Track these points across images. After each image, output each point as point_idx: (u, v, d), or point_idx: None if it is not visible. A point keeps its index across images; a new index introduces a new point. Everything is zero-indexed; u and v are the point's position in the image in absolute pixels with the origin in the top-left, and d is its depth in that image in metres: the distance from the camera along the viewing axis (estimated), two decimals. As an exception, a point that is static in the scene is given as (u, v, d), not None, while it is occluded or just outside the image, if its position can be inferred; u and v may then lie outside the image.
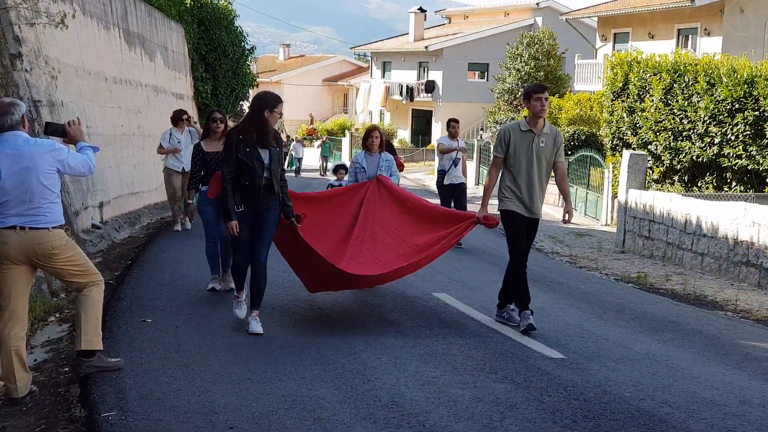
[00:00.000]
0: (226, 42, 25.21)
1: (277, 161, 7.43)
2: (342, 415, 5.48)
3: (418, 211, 8.84)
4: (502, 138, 8.03)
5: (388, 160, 9.56)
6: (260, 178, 7.30)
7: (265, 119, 7.28)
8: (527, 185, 7.95)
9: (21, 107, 5.73)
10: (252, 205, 7.39)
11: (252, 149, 7.27)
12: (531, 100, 7.89)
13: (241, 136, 7.28)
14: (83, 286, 6.02)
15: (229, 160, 7.28)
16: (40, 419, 5.39)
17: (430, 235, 8.51)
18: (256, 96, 7.51)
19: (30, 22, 10.96)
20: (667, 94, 16.94)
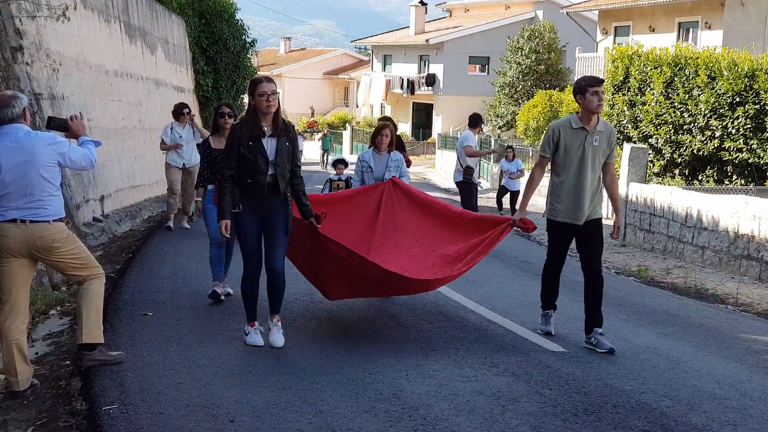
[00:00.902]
0: (227, 35, 25.18)
1: (285, 156, 6.71)
2: (343, 409, 5.49)
3: (444, 216, 8.12)
4: (551, 136, 7.26)
5: (397, 159, 8.86)
6: (264, 175, 6.62)
7: (252, 107, 6.70)
8: (577, 189, 7.16)
9: (22, 100, 5.73)
10: (256, 207, 6.73)
11: (255, 143, 6.61)
12: (586, 94, 7.11)
13: (243, 129, 6.68)
14: (84, 280, 6.02)
15: (229, 155, 6.67)
16: (42, 412, 5.40)
17: (462, 244, 7.75)
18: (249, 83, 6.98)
19: (31, 15, 10.95)
20: (668, 87, 16.92)
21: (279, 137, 6.70)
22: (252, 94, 6.67)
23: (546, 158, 7.36)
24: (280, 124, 6.74)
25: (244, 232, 6.77)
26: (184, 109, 13.60)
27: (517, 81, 36.28)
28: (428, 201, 8.36)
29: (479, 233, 7.72)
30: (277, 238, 6.80)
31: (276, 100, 6.67)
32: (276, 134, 6.70)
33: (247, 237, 6.78)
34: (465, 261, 7.57)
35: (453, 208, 8.30)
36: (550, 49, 36.56)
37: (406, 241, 8.06)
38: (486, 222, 7.93)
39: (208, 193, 8.46)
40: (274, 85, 6.73)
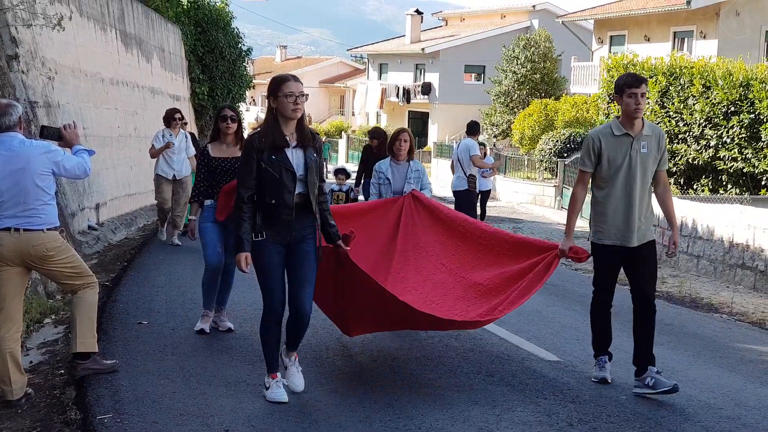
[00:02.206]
0: (223, 43, 25.22)
1: (314, 170, 5.61)
2: (338, 418, 5.48)
3: (475, 236, 7.06)
4: (590, 147, 6.24)
5: (418, 170, 7.97)
6: (291, 194, 5.50)
7: (273, 111, 5.58)
8: (626, 205, 6.18)
9: (18, 109, 5.73)
10: (282, 233, 5.59)
11: (279, 155, 5.49)
12: (623, 95, 6.16)
13: (263, 139, 5.51)
14: (78, 288, 6.02)
15: (246, 171, 5.51)
16: (36, 422, 5.38)
17: (496, 271, 6.73)
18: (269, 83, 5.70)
19: (27, 23, 10.95)
20: (663, 96, 16.97)
21: (305, 148, 5.61)
22: (274, 94, 5.52)
23: (588, 173, 6.34)
24: (307, 132, 5.64)
25: (265, 265, 5.57)
26: (176, 114, 12.80)
27: (513, 90, 36.31)
28: (455, 218, 7.33)
29: (518, 260, 6.65)
30: (307, 271, 5.68)
31: (303, 103, 5.55)
32: (302, 144, 5.60)
33: (271, 270, 5.59)
34: (506, 301, 6.48)
35: (485, 227, 7.22)
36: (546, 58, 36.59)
37: (429, 265, 7.05)
38: (527, 247, 6.78)
39: (205, 210, 7.42)
40: (301, 84, 5.61)
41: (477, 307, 6.58)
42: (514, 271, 6.61)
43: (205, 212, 7.44)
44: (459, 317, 6.42)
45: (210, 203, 7.38)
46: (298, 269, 5.67)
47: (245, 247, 5.47)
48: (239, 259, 5.46)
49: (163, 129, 12.67)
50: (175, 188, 12.67)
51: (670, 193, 6.57)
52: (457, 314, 6.48)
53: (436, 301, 6.66)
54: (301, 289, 5.66)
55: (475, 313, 6.50)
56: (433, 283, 6.88)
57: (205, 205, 7.44)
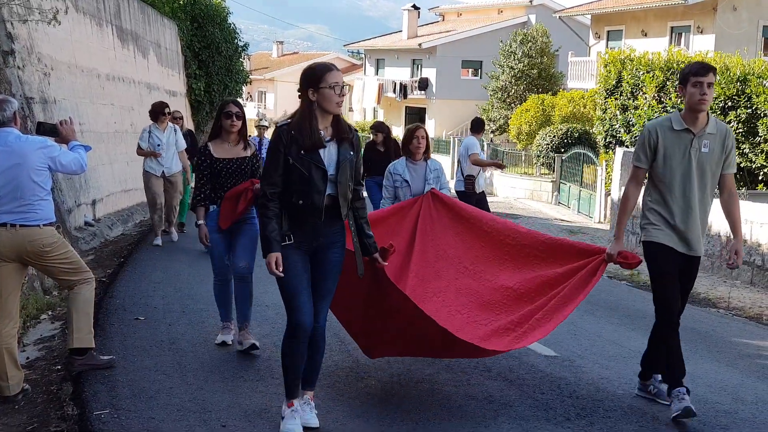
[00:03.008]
0: (220, 39, 25.19)
1: (348, 170, 4.99)
2: (335, 413, 5.48)
3: (503, 237, 6.26)
4: (646, 141, 5.60)
5: (436, 169, 7.39)
6: (321, 195, 4.90)
7: (311, 105, 4.90)
8: (684, 207, 5.56)
9: (13, 104, 5.72)
10: (308, 238, 5.00)
11: (310, 152, 4.90)
12: (687, 84, 5.50)
13: (292, 132, 4.90)
14: (74, 284, 6.01)
15: (273, 166, 4.91)
16: (33, 417, 5.38)
17: (530, 274, 5.96)
18: (302, 72, 5.05)
19: (22, 18, 10.93)
20: (660, 91, 16.96)
21: (340, 144, 5.00)
22: (315, 85, 4.86)
23: (642, 169, 5.68)
24: (344, 125, 5.04)
25: (290, 272, 4.91)
26: (165, 108, 11.99)
27: (510, 85, 36.30)
28: (480, 217, 6.53)
29: (554, 264, 5.87)
30: (329, 284, 5.13)
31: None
32: (337, 140, 5.01)
33: (296, 279, 4.95)
34: (543, 309, 5.69)
35: (516, 227, 6.35)
36: (543, 53, 36.57)
37: (451, 269, 6.30)
38: (566, 250, 5.95)
39: (209, 217, 6.78)
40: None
41: (508, 314, 5.80)
42: (550, 276, 5.80)
43: (210, 220, 6.76)
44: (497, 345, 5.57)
45: (214, 209, 6.74)
46: (321, 281, 5.09)
47: (274, 247, 4.84)
48: (269, 262, 4.81)
49: (150, 125, 11.95)
50: (166, 186, 12.05)
51: (737, 200, 5.80)
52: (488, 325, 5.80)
53: (462, 310, 5.96)
54: (319, 301, 5.10)
55: (506, 320, 5.75)
56: (457, 289, 6.15)
57: (211, 211, 6.79)
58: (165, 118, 11.88)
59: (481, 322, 5.85)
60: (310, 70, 4.95)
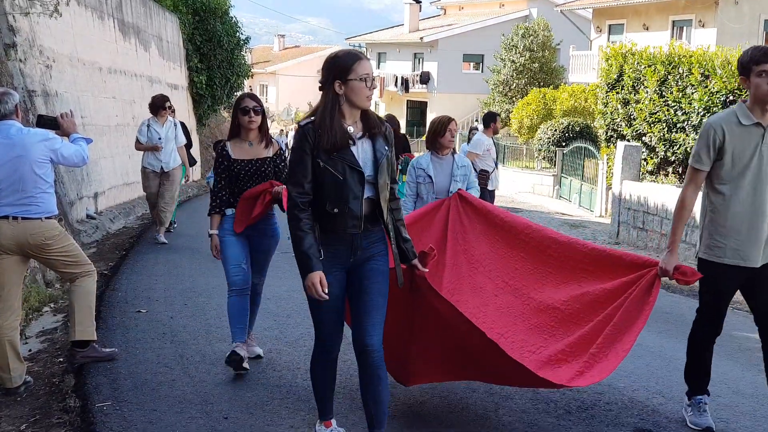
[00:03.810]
0: (221, 32, 25.16)
1: (386, 169, 4.39)
2: (337, 406, 5.47)
3: (542, 248, 5.44)
4: (710, 139, 4.93)
5: (464, 165, 6.84)
6: (358, 201, 4.29)
7: (337, 99, 4.27)
8: (752, 214, 4.92)
9: (14, 96, 5.73)
10: (344, 252, 4.36)
11: (341, 152, 4.25)
12: (751, 75, 4.86)
13: (319, 131, 4.24)
14: (75, 277, 6.02)
15: (300, 171, 4.24)
16: (35, 409, 5.40)
17: (574, 292, 5.19)
18: (325, 61, 4.40)
19: (24, 11, 10.93)
20: (662, 85, 16.95)
21: (374, 140, 4.39)
22: (343, 76, 4.23)
23: (702, 172, 5.00)
24: (374, 118, 4.43)
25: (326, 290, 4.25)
26: (166, 102, 11.64)
27: (512, 79, 36.30)
28: (515, 223, 5.66)
29: (601, 278, 5.11)
30: (376, 297, 4.42)
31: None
32: (370, 135, 4.40)
33: (328, 302, 4.29)
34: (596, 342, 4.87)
35: (555, 235, 5.53)
36: (544, 47, 36.57)
37: (489, 284, 5.53)
38: (613, 262, 5.13)
39: (226, 220, 6.13)
40: None
41: (556, 340, 5.10)
42: (598, 294, 5.05)
43: (226, 223, 6.12)
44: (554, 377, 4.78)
45: (231, 213, 6.11)
46: (364, 294, 4.41)
47: (314, 265, 4.16)
48: (311, 283, 4.14)
49: (149, 119, 11.65)
50: (162, 181, 11.72)
51: None
52: (537, 352, 5.05)
53: (505, 333, 5.17)
54: (367, 318, 4.38)
55: (556, 347, 5.02)
56: (497, 308, 5.35)
57: (227, 215, 6.14)
58: (165, 112, 11.56)
59: (529, 348, 5.07)
60: (337, 59, 4.28)
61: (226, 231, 6.09)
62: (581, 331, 4.99)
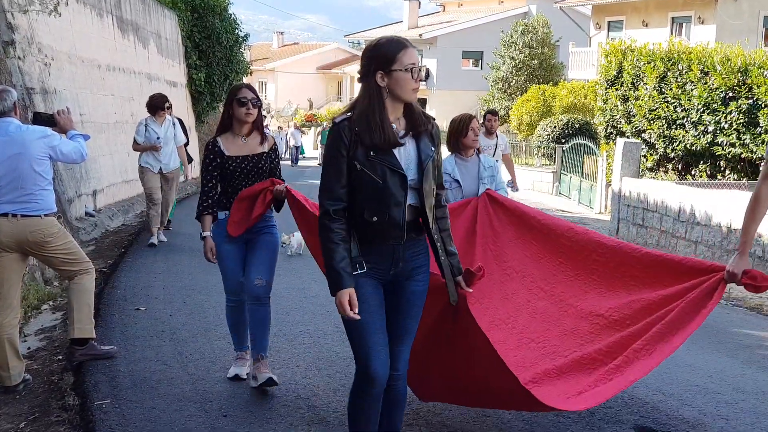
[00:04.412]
0: (220, 29, 25.11)
1: (431, 172, 3.89)
2: (336, 404, 5.48)
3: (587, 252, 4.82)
4: None
5: (491, 166, 6.37)
6: (401, 208, 3.80)
7: (380, 92, 3.76)
8: None
9: (13, 94, 5.71)
10: (384, 265, 3.89)
11: (381, 153, 3.76)
12: None
13: (356, 129, 3.75)
14: (74, 275, 6.01)
15: (334, 176, 3.77)
16: (34, 407, 5.39)
17: (623, 299, 4.55)
18: (364, 50, 3.87)
19: (23, 9, 10.91)
20: (661, 82, 16.93)
21: (418, 139, 3.89)
22: (386, 66, 3.74)
23: None
24: (419, 114, 3.92)
25: (361, 310, 3.78)
26: (165, 103, 11.16)
27: (511, 76, 36.28)
28: (554, 225, 5.09)
29: (656, 286, 4.45)
30: (410, 322, 4.02)
31: None
32: (414, 134, 3.89)
33: (369, 318, 3.84)
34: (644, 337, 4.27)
35: (601, 238, 4.89)
36: (544, 43, 36.56)
37: (522, 290, 5.02)
38: (672, 268, 4.46)
39: (220, 225, 5.59)
40: None
41: (594, 343, 4.51)
42: (652, 300, 4.41)
43: (220, 227, 5.59)
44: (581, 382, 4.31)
45: (225, 216, 5.57)
46: (399, 316, 4.00)
47: (345, 281, 3.72)
48: (341, 302, 3.70)
49: (147, 118, 11.16)
50: (163, 182, 11.36)
51: None
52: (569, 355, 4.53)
53: (537, 338, 4.73)
54: (398, 343, 4.00)
55: (592, 348, 4.47)
56: (530, 314, 4.86)
57: (220, 219, 5.60)
58: (164, 112, 11.09)
59: (561, 353, 4.57)
60: (379, 48, 3.79)
61: (222, 237, 5.57)
62: (625, 332, 4.40)
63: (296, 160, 36.36)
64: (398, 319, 4.00)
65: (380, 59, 3.76)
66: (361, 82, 3.83)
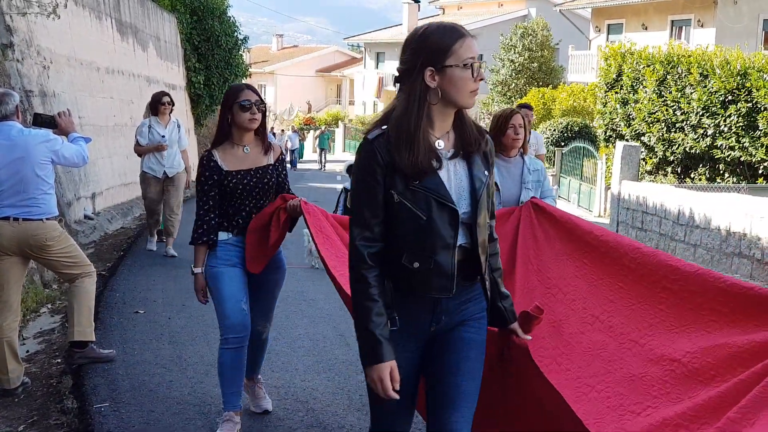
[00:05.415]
0: (219, 32, 25.14)
1: (486, 201, 3.04)
2: (335, 407, 5.48)
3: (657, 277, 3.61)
4: None
5: (537, 170, 5.53)
6: (449, 251, 2.94)
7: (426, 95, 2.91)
8: None
9: (14, 97, 5.71)
10: (423, 320, 3.03)
11: (425, 177, 2.89)
12: None
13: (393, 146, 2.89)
14: (75, 278, 6.01)
15: (368, 207, 2.92)
16: (33, 410, 5.38)
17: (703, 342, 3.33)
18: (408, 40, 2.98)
19: (22, 11, 10.91)
20: (661, 85, 16.95)
21: (469, 159, 3.02)
22: (436, 61, 2.88)
23: None
24: (471, 127, 3.04)
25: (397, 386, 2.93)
26: (164, 97, 10.46)
27: (510, 79, 36.29)
28: (615, 244, 3.92)
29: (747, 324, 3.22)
30: (466, 382, 3.04)
31: None
32: (464, 153, 3.02)
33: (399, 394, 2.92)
34: (740, 403, 2.96)
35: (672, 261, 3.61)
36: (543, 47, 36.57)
37: (572, 317, 3.91)
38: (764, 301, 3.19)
39: (219, 248, 4.75)
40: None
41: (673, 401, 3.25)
42: (740, 346, 3.19)
43: (219, 251, 4.74)
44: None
45: (227, 238, 4.75)
46: (450, 376, 3.04)
47: (385, 353, 2.89)
48: (380, 377, 2.88)
49: (150, 119, 10.50)
50: (166, 187, 10.62)
51: None
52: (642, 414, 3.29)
53: (595, 384, 3.49)
54: (453, 410, 3.00)
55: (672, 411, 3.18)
56: (584, 349, 3.70)
57: (220, 240, 4.75)
58: (166, 108, 10.36)
59: (629, 408, 3.36)
60: (429, 36, 2.91)
61: (221, 260, 4.73)
62: (712, 392, 3.17)
63: (295, 163, 36.16)
64: (450, 380, 3.01)
65: (430, 51, 2.88)
66: (401, 83, 2.99)
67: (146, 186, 10.62)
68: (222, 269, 4.72)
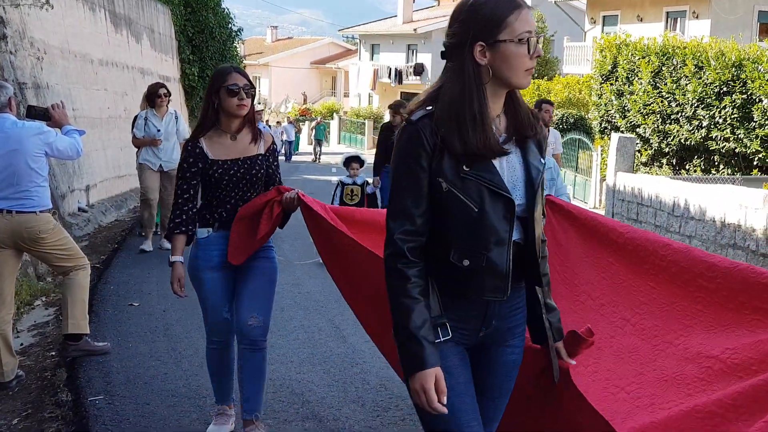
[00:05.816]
0: (213, 24, 25.07)
1: (540, 191, 2.77)
2: (330, 399, 5.48)
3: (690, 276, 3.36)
4: None
5: (550, 167, 5.39)
6: (504, 248, 2.64)
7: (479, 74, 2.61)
8: None
9: (8, 89, 5.69)
10: (475, 323, 2.74)
11: (477, 165, 2.59)
12: None
13: (442, 129, 2.58)
14: (69, 270, 6.00)
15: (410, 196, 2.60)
16: (27, 403, 5.37)
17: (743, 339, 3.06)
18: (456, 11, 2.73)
19: (14, 2, 10.85)
20: (656, 77, 16.95)
21: (524, 146, 2.76)
22: (487, 36, 2.60)
23: None
24: (526, 112, 2.78)
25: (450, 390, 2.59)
26: (160, 89, 10.17)
27: (505, 70, 36.28)
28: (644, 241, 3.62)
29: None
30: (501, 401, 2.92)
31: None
32: (518, 139, 2.75)
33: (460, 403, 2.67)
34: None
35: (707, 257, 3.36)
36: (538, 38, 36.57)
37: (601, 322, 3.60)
38: None
39: (201, 246, 4.54)
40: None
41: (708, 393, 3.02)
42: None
43: (201, 249, 4.52)
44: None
45: (208, 234, 4.50)
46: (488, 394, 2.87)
47: (429, 358, 2.54)
48: (425, 387, 2.52)
49: (146, 111, 10.27)
50: (163, 182, 10.32)
51: None
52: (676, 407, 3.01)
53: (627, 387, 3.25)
54: (488, 429, 2.89)
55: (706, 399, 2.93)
56: (614, 352, 3.45)
57: (200, 238, 4.52)
58: (162, 100, 10.11)
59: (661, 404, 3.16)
60: (481, 7, 2.62)
61: (204, 262, 4.51)
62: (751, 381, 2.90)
63: (290, 155, 35.93)
64: (485, 396, 2.85)
65: (482, 24, 2.59)
66: (449, 60, 2.68)
67: (144, 175, 10.35)
68: (202, 275, 4.54)
